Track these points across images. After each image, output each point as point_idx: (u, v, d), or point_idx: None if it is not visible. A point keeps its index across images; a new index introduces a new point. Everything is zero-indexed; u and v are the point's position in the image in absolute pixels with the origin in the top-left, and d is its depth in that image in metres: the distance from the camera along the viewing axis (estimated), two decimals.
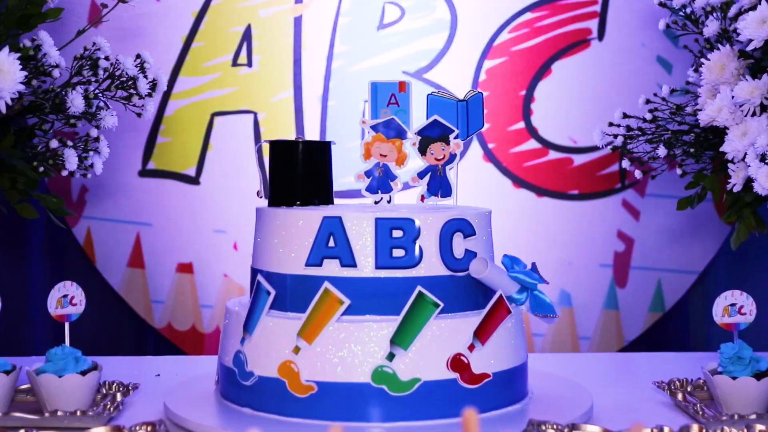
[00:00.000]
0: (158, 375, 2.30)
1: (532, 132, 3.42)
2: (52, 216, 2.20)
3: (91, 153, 2.23)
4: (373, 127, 1.93)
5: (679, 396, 2.00)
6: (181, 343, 3.36)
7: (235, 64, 3.37)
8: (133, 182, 3.36)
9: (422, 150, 1.95)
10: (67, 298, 1.93)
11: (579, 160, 3.43)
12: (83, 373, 1.88)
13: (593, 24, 3.43)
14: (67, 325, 1.93)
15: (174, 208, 3.36)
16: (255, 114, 3.37)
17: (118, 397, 1.98)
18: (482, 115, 2.00)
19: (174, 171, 3.37)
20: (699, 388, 2.06)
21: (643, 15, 3.42)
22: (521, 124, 3.42)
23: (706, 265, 3.48)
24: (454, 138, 1.96)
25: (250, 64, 3.37)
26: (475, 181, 3.35)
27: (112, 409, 1.87)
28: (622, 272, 3.46)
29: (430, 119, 1.94)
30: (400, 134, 1.94)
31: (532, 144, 3.42)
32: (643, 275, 3.47)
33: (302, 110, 3.38)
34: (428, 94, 1.98)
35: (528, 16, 3.40)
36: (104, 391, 2.04)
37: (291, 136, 3.35)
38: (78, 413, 1.83)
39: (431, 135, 1.94)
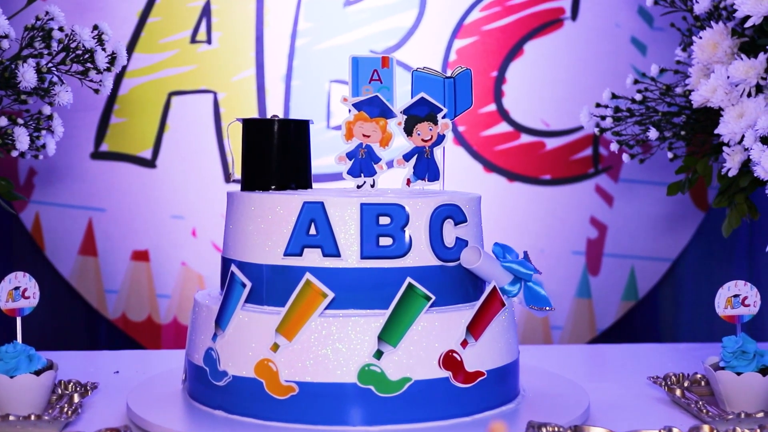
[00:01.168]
0: (117, 372, 2.14)
1: (503, 114, 3.31)
2: (1, 201, 2.02)
3: (44, 132, 2.05)
4: (356, 105, 1.78)
5: (678, 392, 1.89)
6: (136, 335, 3.20)
7: (193, 41, 3.22)
8: (85, 165, 3.18)
9: (408, 130, 1.81)
10: (18, 291, 1.75)
11: (551, 143, 3.34)
12: (37, 372, 1.71)
13: (567, 3, 3.34)
14: (19, 320, 1.76)
15: (129, 193, 3.20)
16: (215, 94, 3.22)
17: (76, 398, 1.82)
18: (471, 93, 1.87)
19: (129, 153, 3.20)
20: (696, 383, 1.96)
21: None
22: (492, 107, 3.31)
23: (679, 253, 3.40)
24: (442, 117, 1.82)
25: (209, 41, 3.22)
26: (445, 165, 3.23)
27: (69, 412, 1.70)
28: (595, 260, 3.37)
29: (417, 97, 1.80)
30: (385, 113, 1.79)
31: (504, 127, 3.32)
32: (617, 263, 3.38)
33: (265, 90, 3.23)
34: (413, 71, 1.84)
35: None
36: (60, 392, 1.87)
37: (253, 116, 3.20)
38: (32, 417, 1.66)
39: (418, 114, 1.80)
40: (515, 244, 3.18)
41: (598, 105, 2.29)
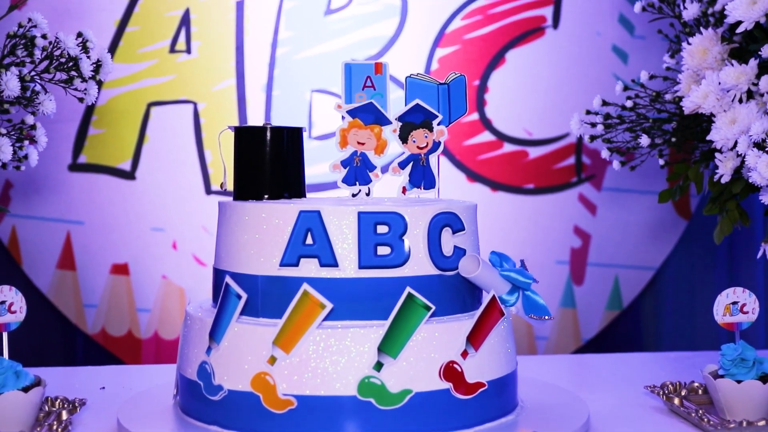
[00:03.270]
0: (103, 388, 2.08)
1: (486, 123, 3.30)
2: None
3: (26, 143, 2.00)
4: (350, 112, 1.75)
5: (676, 401, 1.87)
6: (115, 349, 3.13)
7: (172, 50, 3.17)
8: (62, 177, 3.12)
9: (403, 137, 1.78)
10: (5, 305, 1.70)
11: (534, 152, 3.32)
12: (25, 389, 1.66)
13: (548, 11, 3.33)
14: (5, 336, 1.71)
15: (108, 205, 3.15)
16: (195, 104, 3.17)
17: (64, 415, 1.77)
18: (465, 100, 1.84)
19: (107, 165, 3.15)
20: (693, 392, 1.94)
21: (598, 4, 3.33)
22: (475, 116, 3.30)
23: (662, 261, 3.39)
24: (438, 124, 1.79)
25: (189, 50, 3.17)
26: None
27: (59, 429, 1.65)
28: (579, 269, 3.36)
29: (412, 103, 1.77)
30: (379, 120, 1.76)
31: (486, 136, 3.30)
32: (601, 272, 3.37)
33: (245, 100, 3.19)
34: (407, 77, 1.82)
35: (481, 2, 3.30)
36: (47, 409, 1.82)
37: (232, 127, 3.15)
38: None
39: (413, 121, 1.78)
40: None
41: (588, 112, 2.27)
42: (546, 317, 1.71)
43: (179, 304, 3.12)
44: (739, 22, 2.05)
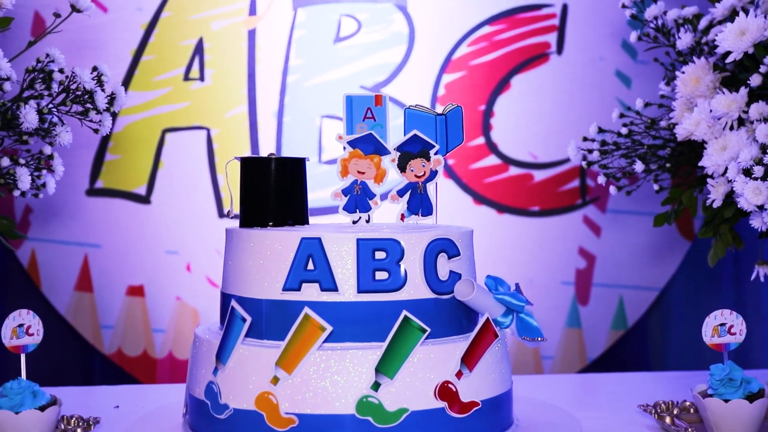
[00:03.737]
0: (117, 407, 2.17)
1: (492, 147, 3.37)
2: (1, 239, 2.05)
3: (44, 171, 2.09)
4: (350, 143, 1.83)
5: (667, 419, 1.93)
6: (132, 369, 3.22)
7: (186, 78, 3.26)
8: (80, 202, 3.22)
9: (402, 167, 1.86)
10: (22, 328, 1.79)
11: (539, 175, 3.39)
12: (42, 408, 1.75)
13: (552, 38, 3.40)
14: (23, 357, 1.79)
15: (124, 229, 3.24)
16: (208, 130, 3.26)
17: None
18: (462, 130, 1.92)
19: (124, 190, 3.24)
20: (685, 411, 2.00)
21: (601, 29, 3.40)
22: (481, 140, 3.36)
23: (666, 282, 3.45)
24: (435, 154, 1.87)
25: (202, 78, 3.27)
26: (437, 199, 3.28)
27: None
28: (584, 290, 3.42)
29: (410, 134, 1.85)
30: (379, 150, 1.84)
31: (492, 160, 3.37)
32: (605, 292, 3.43)
33: (257, 126, 3.28)
34: (405, 108, 1.90)
35: (486, 29, 3.36)
36: (62, 427, 1.90)
37: (246, 152, 3.25)
38: None
39: (411, 151, 1.85)
40: (506, 275, 3.23)
41: (585, 139, 2.35)
42: (539, 339, 1.78)
43: (193, 324, 3.20)
44: (729, 52, 2.13)
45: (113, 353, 3.22)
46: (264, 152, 3.27)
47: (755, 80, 2.08)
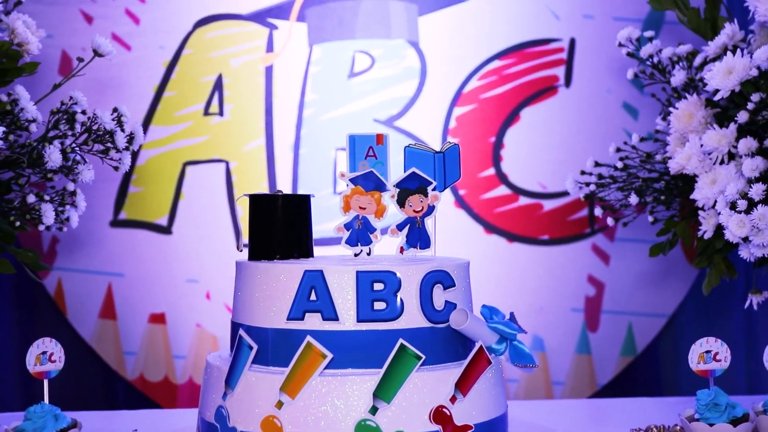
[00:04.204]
0: (136, 430, 2.28)
1: (502, 178, 3.45)
2: (28, 271, 2.18)
3: (68, 207, 2.22)
4: (352, 180, 1.94)
5: None
6: (153, 394, 3.33)
7: (206, 113, 3.38)
8: (104, 232, 3.34)
9: (401, 202, 1.97)
10: (45, 355, 1.91)
11: (549, 205, 3.47)
12: (63, 431, 1.86)
13: (560, 71, 3.49)
14: (46, 383, 1.92)
15: (146, 258, 3.35)
16: (227, 163, 3.38)
17: None
18: (459, 167, 2.02)
19: (146, 221, 3.36)
20: None
21: (608, 62, 3.49)
22: (491, 171, 3.45)
23: (675, 309, 3.51)
24: (432, 190, 1.98)
25: (221, 113, 3.39)
26: (447, 227, 3.34)
27: None
28: (594, 316, 3.49)
29: (408, 172, 1.96)
30: (379, 187, 1.95)
31: (503, 190, 3.46)
32: (614, 319, 3.49)
33: (274, 158, 3.39)
34: (405, 147, 2.00)
35: (496, 63, 3.46)
36: None
37: (263, 184, 3.36)
38: None
39: (409, 187, 1.96)
40: (516, 303, 3.35)
41: (583, 173, 2.45)
42: (530, 365, 1.88)
43: (213, 350, 3.31)
44: (717, 90, 2.22)
45: (135, 379, 3.34)
46: (281, 183, 3.38)
47: (742, 117, 2.17)
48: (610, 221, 2.43)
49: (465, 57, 3.45)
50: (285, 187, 3.38)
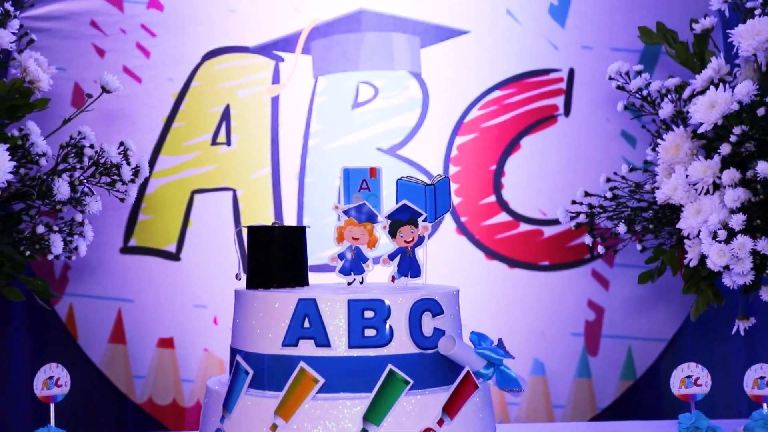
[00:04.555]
0: None
1: (503, 205, 3.52)
2: (37, 298, 2.28)
3: (76, 236, 2.31)
4: (346, 212, 2.03)
5: None
6: (161, 417, 3.41)
7: (214, 143, 3.47)
8: (115, 259, 3.43)
9: (392, 233, 2.05)
10: (52, 380, 2.00)
11: (549, 231, 3.53)
12: None
13: (559, 101, 3.55)
14: (52, 406, 2.00)
15: (155, 284, 3.44)
16: (234, 191, 3.46)
17: None
18: (449, 198, 2.10)
19: (155, 248, 3.45)
20: None
21: (606, 92, 3.54)
22: (492, 198, 3.52)
23: (674, 333, 3.56)
24: (423, 221, 2.06)
25: (229, 142, 3.47)
26: (449, 254, 3.45)
27: None
28: (594, 341, 3.54)
29: (399, 204, 2.04)
30: (371, 218, 2.04)
31: (503, 217, 3.52)
32: (614, 343, 3.54)
33: (280, 187, 3.47)
34: (397, 179, 2.08)
35: (497, 93, 3.53)
36: None
37: (269, 212, 3.45)
38: None
39: (401, 218, 2.04)
40: (517, 327, 3.42)
41: (573, 202, 2.52)
42: (516, 389, 1.95)
43: (220, 374, 3.38)
44: (701, 123, 2.30)
45: (144, 402, 3.42)
46: (286, 211, 3.47)
47: (725, 149, 2.25)
48: (601, 249, 2.50)
49: (466, 87, 3.52)
50: (290, 214, 3.46)
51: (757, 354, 3.50)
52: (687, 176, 2.32)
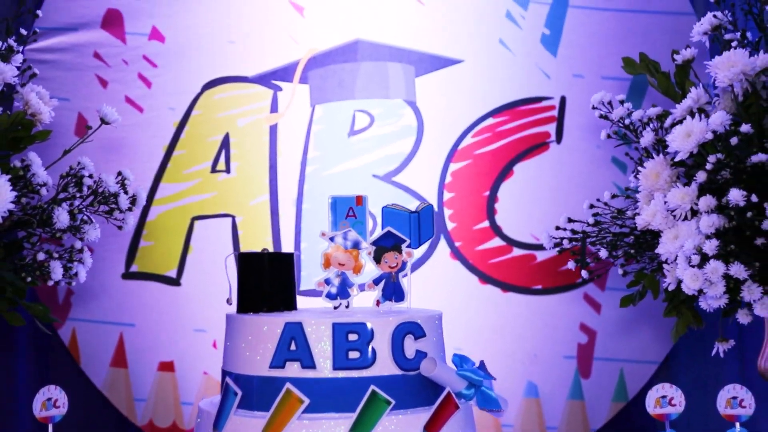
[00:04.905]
0: None
1: (496, 230, 3.57)
2: (38, 323, 2.35)
3: (75, 263, 2.40)
4: (332, 239, 2.11)
5: None
6: None
7: (214, 170, 3.54)
8: (116, 284, 3.50)
9: (377, 259, 2.12)
10: (51, 401, 2.07)
11: (541, 256, 3.57)
12: None
13: (551, 128, 3.60)
14: (50, 427, 2.08)
15: (156, 309, 3.50)
16: (233, 217, 3.53)
17: None
18: (432, 225, 2.18)
19: (156, 273, 3.51)
20: None
21: (597, 119, 3.59)
22: (486, 223, 3.57)
23: (666, 355, 3.60)
24: (406, 247, 2.13)
25: (228, 170, 3.54)
26: (443, 278, 3.51)
27: None
28: (586, 363, 3.58)
29: (384, 231, 2.12)
30: (357, 245, 2.11)
31: (497, 242, 3.57)
32: (606, 366, 3.58)
33: (278, 213, 3.53)
34: (383, 207, 2.16)
35: (490, 121, 3.58)
36: None
37: (267, 238, 3.51)
38: None
39: (385, 245, 2.12)
40: (510, 350, 3.47)
41: (557, 228, 2.59)
42: (495, 409, 2.02)
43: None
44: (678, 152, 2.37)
45: (145, 424, 3.48)
46: (284, 236, 3.53)
47: (701, 176, 2.31)
48: (584, 273, 2.56)
49: (460, 115, 3.58)
50: (288, 240, 3.52)
51: (750, 374, 3.54)
52: (666, 203, 2.38)
